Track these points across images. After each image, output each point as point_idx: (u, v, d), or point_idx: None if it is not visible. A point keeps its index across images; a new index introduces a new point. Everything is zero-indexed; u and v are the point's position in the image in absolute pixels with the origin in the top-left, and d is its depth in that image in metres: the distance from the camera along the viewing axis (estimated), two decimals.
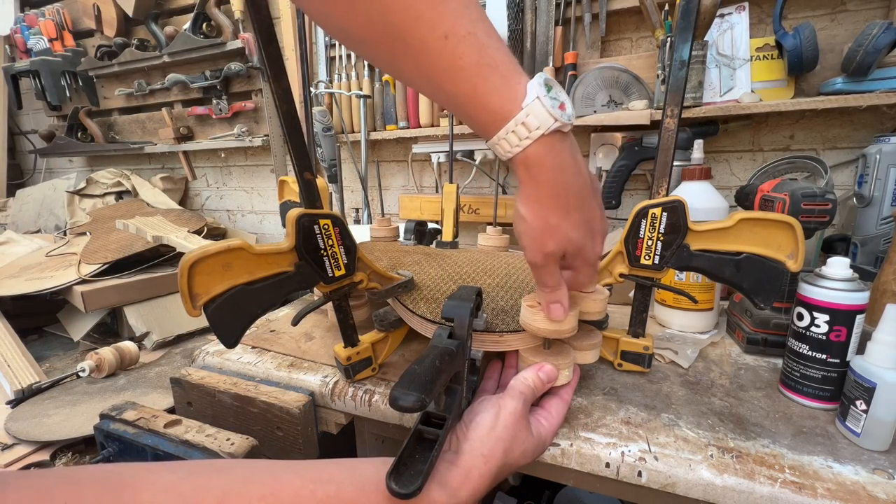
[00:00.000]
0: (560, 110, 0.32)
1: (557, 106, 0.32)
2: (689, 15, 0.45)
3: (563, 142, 0.34)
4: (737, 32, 0.87)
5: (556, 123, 0.32)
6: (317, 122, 1.14)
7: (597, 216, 0.38)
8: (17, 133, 2.09)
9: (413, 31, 0.31)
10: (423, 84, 0.34)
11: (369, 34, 0.33)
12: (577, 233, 0.36)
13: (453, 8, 0.31)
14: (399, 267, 0.65)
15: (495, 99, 0.32)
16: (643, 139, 0.91)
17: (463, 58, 0.31)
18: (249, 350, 0.64)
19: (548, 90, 0.32)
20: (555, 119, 0.32)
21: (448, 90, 0.33)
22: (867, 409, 0.41)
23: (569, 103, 0.33)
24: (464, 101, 0.33)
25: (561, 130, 0.33)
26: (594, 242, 0.39)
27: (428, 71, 0.33)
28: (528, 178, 0.35)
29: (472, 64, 0.32)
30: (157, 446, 0.50)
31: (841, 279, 0.45)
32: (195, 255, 0.36)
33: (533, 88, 0.32)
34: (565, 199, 0.35)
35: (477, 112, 0.33)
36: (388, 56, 0.34)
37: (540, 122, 0.32)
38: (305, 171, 0.44)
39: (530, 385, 0.41)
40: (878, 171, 0.72)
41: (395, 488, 0.29)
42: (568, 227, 0.36)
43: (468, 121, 0.35)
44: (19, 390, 0.81)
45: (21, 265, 1.19)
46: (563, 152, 0.34)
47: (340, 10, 0.32)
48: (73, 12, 1.67)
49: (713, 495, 0.39)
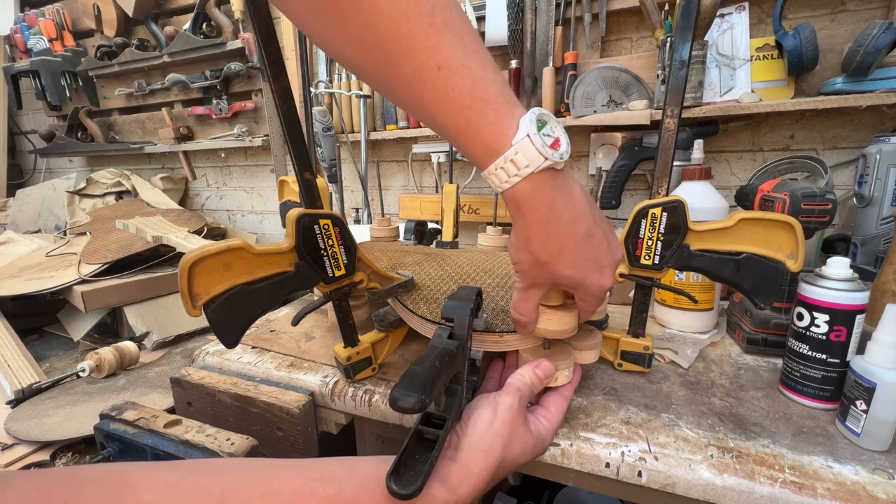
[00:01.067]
0: (551, 149, 0.32)
1: (549, 144, 0.32)
2: (689, 15, 0.45)
3: (555, 179, 0.33)
4: (737, 32, 0.87)
5: (546, 162, 0.32)
6: (317, 122, 1.14)
7: (602, 250, 0.37)
8: (17, 133, 2.09)
9: (407, 61, 0.31)
10: (416, 111, 0.34)
11: (364, 58, 0.33)
12: (572, 270, 0.36)
13: (448, 39, 0.30)
14: (399, 267, 0.65)
15: (487, 132, 0.32)
16: (643, 139, 0.91)
17: (455, 90, 0.31)
18: (249, 350, 0.64)
19: (539, 127, 0.32)
20: (545, 158, 0.31)
21: (440, 121, 0.33)
22: (867, 409, 0.41)
23: (564, 139, 0.33)
24: (455, 133, 0.33)
25: (553, 168, 0.33)
26: (601, 275, 0.37)
27: (420, 100, 0.32)
28: (518, 214, 0.34)
29: (465, 96, 0.31)
30: (157, 446, 0.50)
31: (841, 279, 0.45)
32: (195, 255, 0.36)
33: (524, 125, 0.32)
34: (557, 237, 0.34)
35: (469, 144, 0.33)
36: (382, 81, 0.34)
37: (529, 161, 0.32)
38: (305, 171, 0.44)
39: (527, 382, 0.41)
40: (878, 171, 0.72)
41: (396, 489, 0.29)
42: (560, 265, 0.35)
43: (461, 150, 0.35)
44: (19, 390, 0.81)
45: (21, 265, 1.19)
46: (555, 189, 0.33)
47: (336, 33, 0.32)
48: (73, 12, 1.67)
49: (713, 495, 0.39)
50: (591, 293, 0.38)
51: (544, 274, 0.36)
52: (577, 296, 0.40)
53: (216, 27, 1.39)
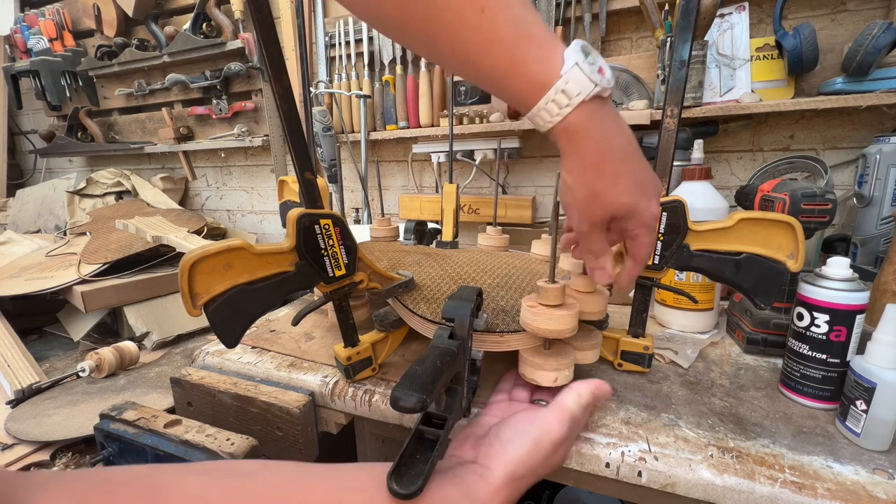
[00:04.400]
0: (599, 75, 0.32)
1: (596, 70, 0.32)
2: (689, 15, 0.45)
3: (603, 107, 0.33)
4: (737, 32, 0.87)
5: (597, 88, 0.32)
6: (317, 122, 1.14)
7: (649, 177, 0.37)
8: (17, 133, 2.09)
9: (450, 7, 0.31)
10: (460, 60, 0.34)
11: (405, 13, 0.33)
12: (628, 197, 0.36)
13: None
14: (399, 267, 0.65)
15: (534, 68, 0.32)
16: (643, 139, 0.91)
17: (500, 29, 0.31)
18: (249, 350, 0.64)
19: (585, 56, 0.32)
20: (595, 84, 0.32)
21: (486, 64, 0.33)
22: (867, 409, 0.41)
23: (607, 68, 0.33)
24: (502, 75, 0.33)
25: (601, 96, 0.33)
26: (650, 203, 0.37)
27: (465, 47, 0.33)
28: (571, 146, 0.34)
29: (510, 36, 0.31)
30: (157, 446, 0.50)
31: (841, 279, 0.45)
32: (196, 254, 0.36)
33: (571, 55, 0.32)
34: (612, 164, 0.34)
35: (516, 84, 0.33)
36: (425, 36, 0.34)
37: (580, 89, 0.32)
38: (305, 170, 0.44)
39: (583, 403, 0.40)
40: (878, 171, 0.72)
41: (396, 489, 0.29)
42: (616, 192, 0.35)
43: (506, 94, 0.35)
44: (19, 390, 0.81)
45: (21, 265, 1.19)
46: (605, 117, 0.33)
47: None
48: (73, 12, 1.67)
49: (713, 495, 0.39)
50: (645, 222, 0.37)
51: (602, 206, 0.36)
52: (630, 229, 0.38)
53: (216, 27, 1.39)
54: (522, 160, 1.15)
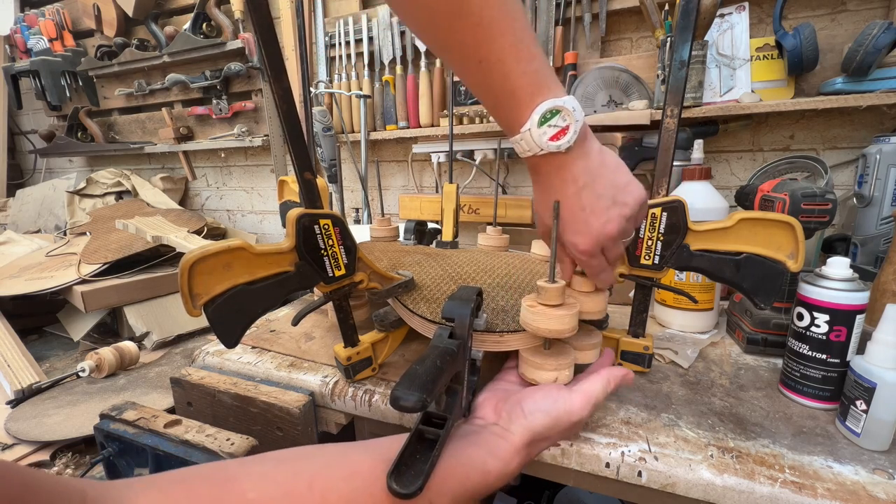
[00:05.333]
0: (551, 140, 0.37)
1: (550, 135, 0.37)
2: (689, 15, 0.45)
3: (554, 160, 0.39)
4: (737, 32, 0.87)
5: (542, 151, 0.38)
6: (317, 122, 1.14)
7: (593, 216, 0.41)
8: (17, 133, 2.09)
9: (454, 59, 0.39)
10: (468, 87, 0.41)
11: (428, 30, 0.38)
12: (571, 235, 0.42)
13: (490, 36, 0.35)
14: (399, 267, 0.65)
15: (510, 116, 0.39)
16: (643, 139, 0.91)
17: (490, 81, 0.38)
18: (249, 350, 0.64)
19: (543, 121, 0.37)
20: (540, 148, 0.38)
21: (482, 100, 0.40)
22: (867, 409, 0.41)
23: (573, 128, 0.37)
24: (491, 111, 0.41)
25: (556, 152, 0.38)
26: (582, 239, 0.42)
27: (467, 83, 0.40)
28: (532, 173, 0.43)
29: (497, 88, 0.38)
30: (157, 446, 0.50)
31: (841, 279, 0.45)
32: (195, 254, 0.36)
33: (533, 117, 0.37)
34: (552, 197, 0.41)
35: (499, 121, 0.41)
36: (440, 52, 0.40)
37: (529, 147, 0.39)
38: (305, 170, 0.44)
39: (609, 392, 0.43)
40: (878, 171, 0.72)
41: (396, 488, 0.29)
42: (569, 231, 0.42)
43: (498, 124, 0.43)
44: (19, 390, 0.81)
45: (21, 265, 1.19)
46: (560, 168, 0.40)
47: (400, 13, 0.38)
48: (73, 12, 1.67)
49: (713, 495, 0.39)
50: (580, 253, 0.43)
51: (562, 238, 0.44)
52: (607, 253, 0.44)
53: (216, 27, 1.39)
54: (522, 160, 1.15)
